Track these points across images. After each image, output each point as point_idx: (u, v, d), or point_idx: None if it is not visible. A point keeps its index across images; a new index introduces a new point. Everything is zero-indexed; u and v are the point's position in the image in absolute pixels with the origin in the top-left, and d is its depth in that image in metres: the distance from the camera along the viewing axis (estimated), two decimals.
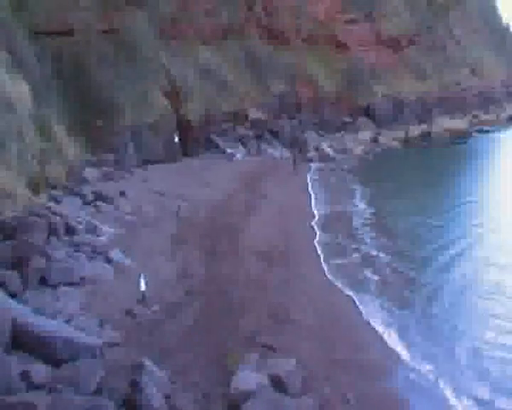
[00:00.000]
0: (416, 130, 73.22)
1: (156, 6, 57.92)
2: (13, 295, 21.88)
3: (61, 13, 48.91)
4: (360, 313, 24.85)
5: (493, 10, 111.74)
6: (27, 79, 37.93)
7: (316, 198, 44.96)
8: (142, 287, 24.21)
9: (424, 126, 74.66)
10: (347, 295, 26.51)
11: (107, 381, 17.29)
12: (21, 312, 19.98)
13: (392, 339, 22.56)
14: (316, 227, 37.24)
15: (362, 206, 43.30)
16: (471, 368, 20.53)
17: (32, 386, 16.53)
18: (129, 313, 23.04)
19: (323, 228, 36.97)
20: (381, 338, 22.64)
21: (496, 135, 77.45)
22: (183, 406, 17.00)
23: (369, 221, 39.22)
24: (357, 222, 38.94)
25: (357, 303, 25.72)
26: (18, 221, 26.78)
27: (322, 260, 31.03)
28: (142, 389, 16.69)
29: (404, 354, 21.43)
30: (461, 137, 72.29)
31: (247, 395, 17.10)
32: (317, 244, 33.70)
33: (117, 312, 22.95)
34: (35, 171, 34.38)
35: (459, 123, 78.33)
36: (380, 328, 23.40)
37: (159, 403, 16.59)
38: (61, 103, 45.59)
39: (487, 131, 79.30)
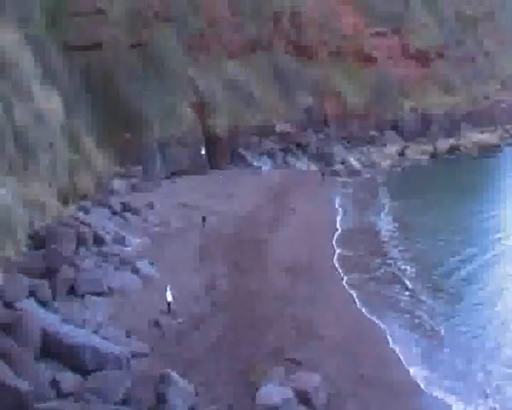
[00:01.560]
0: (444, 144, 72.35)
1: (184, 21, 58.54)
2: (43, 304, 22.27)
3: (91, 28, 49.81)
4: (382, 330, 24.66)
5: None
6: (59, 92, 38.70)
7: (343, 212, 44.65)
8: (169, 298, 24.36)
9: (452, 141, 73.77)
10: (368, 314, 26.30)
11: (133, 391, 17.44)
12: (51, 320, 20.31)
13: (412, 358, 22.36)
14: (342, 242, 36.97)
15: (388, 221, 42.86)
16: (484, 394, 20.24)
17: (61, 394, 16.77)
18: (155, 324, 23.20)
19: (349, 243, 36.67)
20: (402, 358, 22.42)
21: None
22: None
23: (395, 236, 38.85)
24: (383, 238, 38.60)
25: (379, 321, 25.51)
26: (48, 231, 27.29)
27: (345, 276, 30.83)
28: (168, 400, 16.77)
29: (425, 374, 21.26)
30: (490, 151, 71.25)
31: (273, 409, 17.03)
32: (340, 259, 33.46)
33: (144, 323, 23.12)
34: (65, 182, 34.96)
35: (488, 137, 77.22)
36: (400, 348, 23.18)
37: None
38: (91, 116, 46.35)
39: None
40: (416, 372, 21.38)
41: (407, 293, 29.12)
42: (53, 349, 18.77)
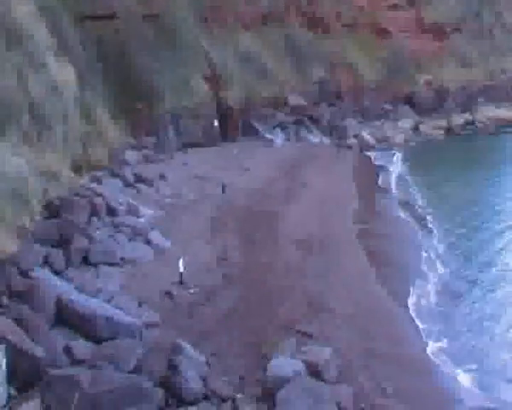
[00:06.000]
0: (459, 119, 71.53)
1: None
2: (57, 273, 22.52)
3: None
4: (395, 307, 24.71)
5: None
6: (72, 63, 38.56)
7: (359, 186, 44.35)
8: (181, 269, 24.51)
9: (467, 115, 72.84)
10: (382, 289, 26.30)
11: (145, 361, 17.63)
12: (65, 289, 20.55)
13: (423, 335, 22.51)
14: (359, 216, 36.73)
15: (407, 194, 42.79)
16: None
17: (74, 361, 17.04)
18: (168, 294, 23.40)
19: (367, 218, 36.46)
20: (412, 334, 22.56)
21: None
22: (220, 388, 17.21)
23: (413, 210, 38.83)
24: (398, 211, 38.54)
25: (392, 297, 25.53)
26: (62, 201, 27.42)
27: (361, 250, 30.74)
28: (180, 370, 16.95)
29: (437, 351, 21.44)
30: (508, 126, 70.20)
31: (283, 381, 17.16)
32: (357, 234, 33.30)
33: (156, 293, 23.32)
34: (78, 153, 35.07)
35: (505, 112, 76.07)
36: (411, 324, 23.31)
37: (195, 385, 16.85)
38: (104, 87, 46.22)
39: None
40: (429, 349, 21.56)
41: (428, 267, 29.28)
42: (67, 317, 19.04)
